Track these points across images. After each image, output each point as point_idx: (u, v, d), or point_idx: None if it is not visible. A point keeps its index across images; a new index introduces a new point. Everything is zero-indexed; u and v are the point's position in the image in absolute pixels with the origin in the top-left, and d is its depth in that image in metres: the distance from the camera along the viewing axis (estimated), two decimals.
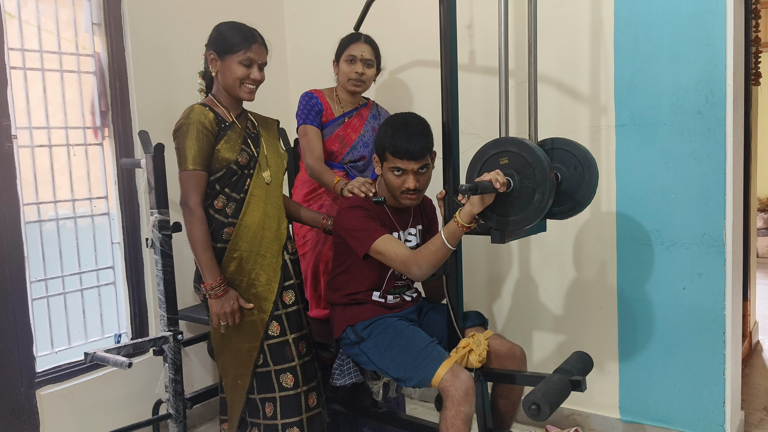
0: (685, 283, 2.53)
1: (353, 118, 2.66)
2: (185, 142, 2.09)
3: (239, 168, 2.17)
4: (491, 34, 2.85)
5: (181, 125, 2.12)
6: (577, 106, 2.69)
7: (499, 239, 1.97)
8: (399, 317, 2.25)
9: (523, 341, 2.87)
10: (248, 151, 2.20)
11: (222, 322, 2.16)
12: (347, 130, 2.64)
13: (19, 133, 2.48)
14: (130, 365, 2.03)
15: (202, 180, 2.12)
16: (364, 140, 2.66)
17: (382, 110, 2.79)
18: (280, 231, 2.26)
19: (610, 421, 2.77)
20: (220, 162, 2.14)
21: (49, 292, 2.61)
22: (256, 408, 2.24)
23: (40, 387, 2.51)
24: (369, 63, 2.62)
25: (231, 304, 2.14)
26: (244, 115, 2.29)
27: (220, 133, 2.15)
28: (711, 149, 2.42)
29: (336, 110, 2.65)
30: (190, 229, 2.11)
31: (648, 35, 2.50)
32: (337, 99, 2.67)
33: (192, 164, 2.09)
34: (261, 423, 2.23)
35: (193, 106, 2.14)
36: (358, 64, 2.59)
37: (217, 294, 2.12)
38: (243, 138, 2.21)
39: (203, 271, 2.12)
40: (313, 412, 2.27)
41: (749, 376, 3.46)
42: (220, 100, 2.22)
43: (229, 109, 2.22)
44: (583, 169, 2.05)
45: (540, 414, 1.78)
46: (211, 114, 2.14)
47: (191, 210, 2.10)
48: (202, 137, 2.10)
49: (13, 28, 2.47)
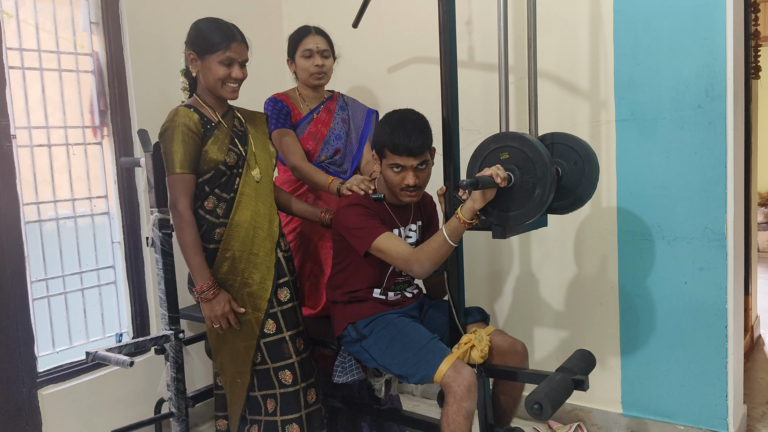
0: (687, 278, 2.53)
1: (321, 113, 2.65)
2: (171, 146, 2.08)
3: (228, 168, 2.16)
4: (489, 30, 2.84)
5: (166, 128, 2.11)
6: (576, 101, 2.68)
7: (501, 234, 1.97)
8: (400, 314, 2.24)
9: (525, 337, 2.87)
10: (236, 151, 2.18)
11: (215, 324, 2.16)
12: (318, 125, 2.63)
13: (18, 132, 2.47)
14: (132, 364, 2.03)
15: (191, 183, 2.11)
16: (335, 133, 2.65)
17: (349, 99, 2.77)
18: (272, 229, 2.24)
19: (613, 416, 2.77)
20: (208, 163, 2.13)
21: (49, 292, 2.61)
22: (258, 405, 2.24)
23: (42, 387, 2.51)
24: (325, 53, 2.59)
25: (222, 307, 2.13)
26: (230, 113, 2.26)
27: (206, 134, 2.13)
28: (712, 143, 2.41)
29: (302, 109, 2.63)
30: (180, 233, 2.10)
31: (648, 29, 2.49)
32: (301, 98, 2.65)
33: (179, 168, 2.07)
34: (262, 420, 2.23)
35: (177, 109, 2.12)
36: (316, 57, 2.56)
37: (208, 297, 2.12)
38: (230, 138, 2.19)
39: (193, 274, 2.12)
40: (311, 408, 2.27)
41: (751, 370, 3.46)
42: (205, 100, 2.20)
43: (215, 109, 2.20)
44: (583, 163, 2.05)
45: (542, 414, 1.79)
46: (196, 115, 2.12)
47: (180, 214, 2.09)
48: (188, 140, 2.08)
49: (11, 27, 2.46)
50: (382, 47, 2.67)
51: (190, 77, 2.24)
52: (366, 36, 2.62)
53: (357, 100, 2.80)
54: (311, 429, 2.26)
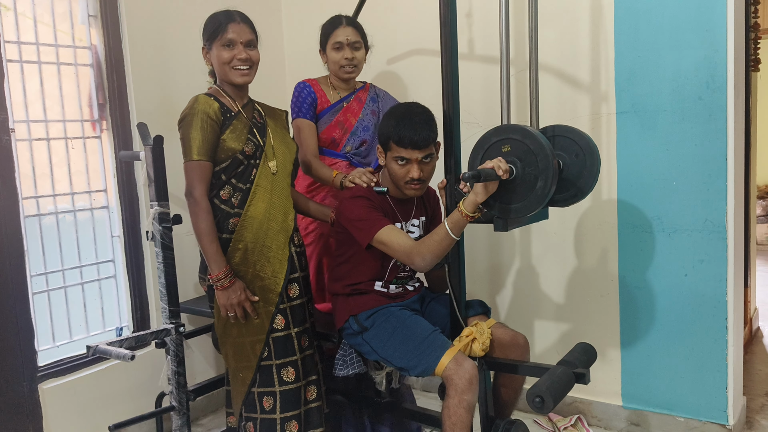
0: (687, 270, 2.53)
1: (352, 102, 2.62)
2: (190, 133, 2.07)
3: (245, 158, 2.15)
4: (490, 22, 2.83)
5: (185, 115, 2.11)
6: (577, 93, 2.68)
7: (502, 227, 1.96)
8: (402, 307, 2.24)
9: (525, 329, 2.87)
10: (254, 141, 2.18)
11: (230, 313, 2.15)
12: (346, 114, 2.60)
13: (16, 126, 2.46)
14: (133, 358, 2.03)
15: (207, 170, 2.10)
16: (363, 124, 2.63)
17: (381, 91, 2.74)
18: (287, 222, 2.23)
19: (613, 408, 2.78)
20: (226, 152, 2.12)
21: (49, 286, 2.60)
22: (253, 402, 2.22)
23: (43, 381, 2.51)
24: (356, 45, 2.56)
25: (238, 295, 2.12)
26: (250, 104, 2.27)
27: (225, 122, 2.13)
28: (712, 135, 2.41)
29: (332, 96, 2.61)
30: (195, 220, 2.09)
31: (648, 21, 2.49)
32: (332, 86, 2.63)
33: (197, 155, 2.07)
34: (258, 417, 2.21)
35: (198, 96, 2.13)
36: (346, 50, 2.53)
37: (224, 285, 2.11)
38: (249, 128, 2.18)
39: (209, 262, 2.11)
40: (310, 405, 2.27)
41: (750, 362, 3.47)
42: (225, 90, 2.20)
43: (235, 99, 2.20)
44: (585, 156, 2.05)
45: (544, 407, 1.79)
46: (216, 104, 2.12)
47: (196, 201, 2.08)
48: (207, 127, 2.08)
49: (8, 20, 2.45)
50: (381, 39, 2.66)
51: (213, 74, 2.26)
52: (366, 28, 2.61)
53: (389, 93, 2.77)
54: (310, 426, 2.26)
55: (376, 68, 3.16)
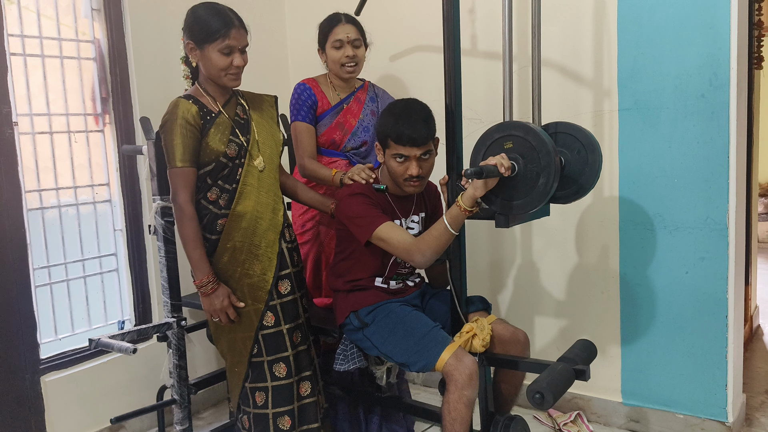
0: (688, 267, 2.53)
1: (351, 104, 2.61)
2: (172, 139, 2.06)
3: (229, 160, 2.13)
4: (492, 18, 2.83)
5: (165, 121, 2.09)
6: (579, 90, 2.68)
7: (504, 223, 1.97)
8: (402, 303, 2.25)
9: (526, 326, 2.87)
10: (237, 141, 2.15)
11: (214, 318, 2.16)
12: (347, 116, 2.59)
13: (19, 119, 2.47)
14: (135, 351, 2.04)
15: (191, 176, 2.09)
16: (363, 125, 2.62)
17: (380, 90, 2.73)
18: (276, 219, 2.22)
19: (612, 404, 2.79)
20: (209, 155, 2.10)
21: (52, 279, 2.62)
22: (247, 397, 2.24)
23: (45, 373, 2.52)
24: (357, 43, 2.52)
25: (221, 301, 2.12)
26: (233, 100, 2.22)
27: (205, 125, 2.10)
28: (714, 133, 2.41)
29: (332, 98, 2.59)
30: (180, 227, 2.10)
31: (651, 18, 2.48)
32: (332, 86, 2.60)
33: (180, 161, 2.06)
34: (251, 412, 2.23)
35: (177, 100, 2.09)
36: (347, 48, 2.50)
37: (207, 292, 2.12)
38: (231, 128, 2.15)
39: (193, 268, 2.12)
40: (305, 401, 2.27)
41: (750, 359, 3.47)
42: (206, 89, 2.16)
43: (216, 98, 2.16)
44: (586, 152, 2.05)
45: (544, 403, 1.79)
46: (195, 107, 2.08)
47: (181, 207, 2.08)
48: (187, 133, 2.05)
49: (12, 13, 2.46)
50: (384, 35, 2.65)
51: (190, 65, 2.21)
52: (368, 24, 2.61)
53: (387, 92, 2.75)
54: (304, 422, 2.26)
55: (378, 65, 3.15)
